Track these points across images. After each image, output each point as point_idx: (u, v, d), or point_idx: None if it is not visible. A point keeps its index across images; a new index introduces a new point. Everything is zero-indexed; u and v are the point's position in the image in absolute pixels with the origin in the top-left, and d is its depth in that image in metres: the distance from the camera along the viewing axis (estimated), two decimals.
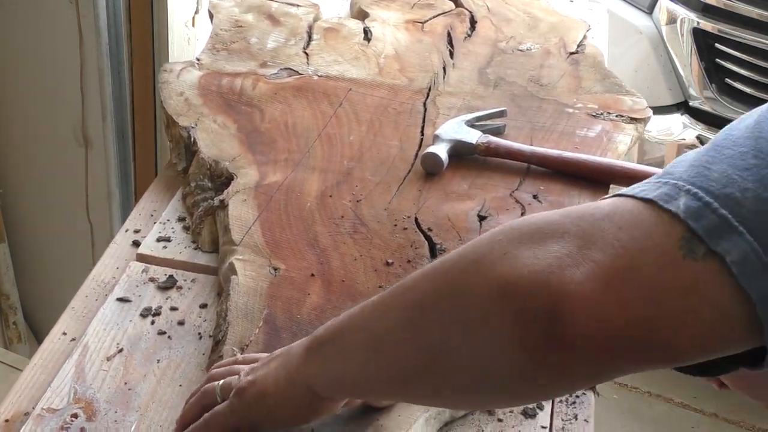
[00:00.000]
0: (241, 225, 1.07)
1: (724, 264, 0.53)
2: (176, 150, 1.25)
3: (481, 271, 0.59)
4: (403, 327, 0.65)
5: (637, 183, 1.19)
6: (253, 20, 1.53)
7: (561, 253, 0.56)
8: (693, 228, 0.54)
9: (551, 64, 1.47)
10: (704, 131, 2.22)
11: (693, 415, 2.32)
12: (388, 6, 1.62)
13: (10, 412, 0.89)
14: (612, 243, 0.55)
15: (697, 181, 0.55)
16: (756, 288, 0.53)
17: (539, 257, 0.56)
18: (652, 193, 0.56)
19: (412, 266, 1.03)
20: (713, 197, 0.54)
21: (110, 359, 0.94)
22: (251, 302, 0.96)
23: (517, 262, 0.57)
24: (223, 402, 0.79)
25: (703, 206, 0.54)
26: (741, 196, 0.54)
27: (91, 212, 1.98)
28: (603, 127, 1.31)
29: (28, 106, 1.94)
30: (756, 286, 0.53)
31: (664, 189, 0.56)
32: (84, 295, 1.03)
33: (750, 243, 0.53)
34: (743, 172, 0.55)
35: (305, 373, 0.74)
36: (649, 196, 0.56)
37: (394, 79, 1.40)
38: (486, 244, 0.60)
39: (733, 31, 2.11)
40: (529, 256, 0.56)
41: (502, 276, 0.57)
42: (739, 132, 0.58)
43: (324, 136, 1.25)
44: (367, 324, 0.69)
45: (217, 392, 0.80)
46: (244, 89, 1.34)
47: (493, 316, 0.57)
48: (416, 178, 1.19)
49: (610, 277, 0.54)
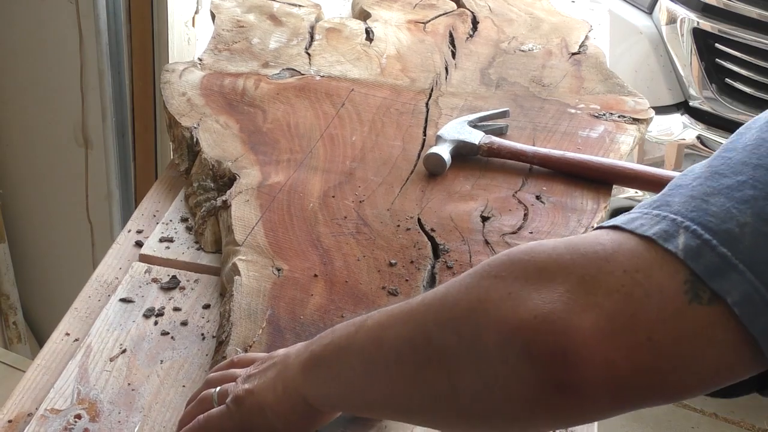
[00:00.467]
0: (244, 225, 1.07)
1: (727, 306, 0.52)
2: (179, 150, 1.25)
3: (487, 312, 0.58)
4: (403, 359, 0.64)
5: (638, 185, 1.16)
6: (255, 20, 1.53)
7: (566, 297, 0.55)
8: (694, 270, 0.53)
9: (553, 65, 1.47)
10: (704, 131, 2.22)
11: (693, 415, 2.32)
12: (390, 6, 1.62)
13: (14, 413, 0.89)
14: (617, 288, 0.55)
15: (696, 217, 0.55)
16: (759, 326, 0.52)
17: (545, 301, 0.56)
18: (650, 230, 0.56)
19: (415, 267, 1.03)
20: (712, 234, 0.54)
21: (113, 360, 0.94)
22: (254, 303, 0.96)
23: (522, 306, 0.56)
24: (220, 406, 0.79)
25: (702, 244, 0.54)
26: (740, 231, 0.53)
27: (91, 212, 1.98)
28: (605, 127, 1.31)
29: (28, 106, 1.94)
30: (759, 324, 0.52)
31: (663, 225, 0.56)
32: (87, 296, 1.03)
33: (751, 282, 0.52)
34: (742, 206, 0.54)
35: (302, 388, 0.74)
36: (648, 234, 0.56)
37: (396, 79, 1.40)
38: (490, 281, 0.59)
39: (733, 31, 2.11)
40: (534, 299, 0.56)
41: (508, 320, 0.57)
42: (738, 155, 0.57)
43: (326, 137, 1.25)
44: (365, 349, 0.68)
45: (214, 399, 0.80)
46: (246, 89, 1.34)
47: (498, 359, 0.57)
48: (419, 178, 1.19)
49: (615, 324, 0.54)
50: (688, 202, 0.56)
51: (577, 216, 1.13)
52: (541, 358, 0.55)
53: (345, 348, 0.70)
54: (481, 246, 1.06)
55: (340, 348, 0.71)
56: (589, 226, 1.11)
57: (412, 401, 0.66)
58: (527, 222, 1.11)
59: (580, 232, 1.09)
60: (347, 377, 0.70)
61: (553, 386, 0.55)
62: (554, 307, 0.55)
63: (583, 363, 0.54)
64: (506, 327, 0.56)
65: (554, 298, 0.55)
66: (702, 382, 0.55)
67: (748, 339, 0.53)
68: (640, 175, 1.20)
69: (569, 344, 0.54)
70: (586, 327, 0.54)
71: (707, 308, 0.53)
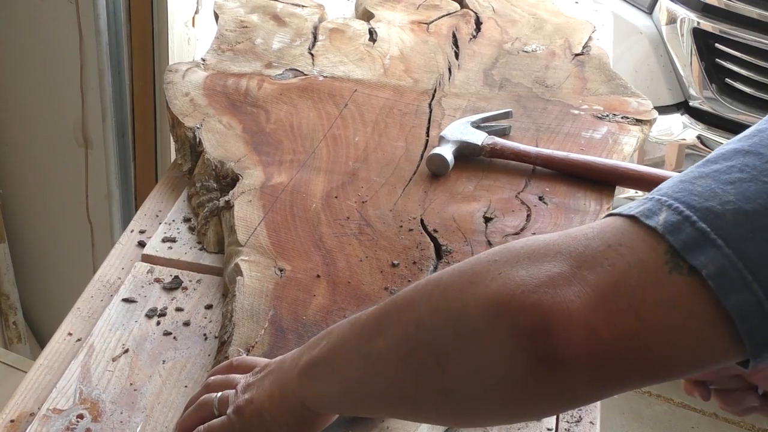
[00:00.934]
0: (246, 226, 1.07)
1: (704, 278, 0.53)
2: (181, 150, 1.24)
3: (477, 290, 0.59)
4: (398, 345, 0.65)
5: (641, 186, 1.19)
6: (258, 21, 1.53)
7: (553, 272, 0.56)
8: (672, 243, 0.54)
9: (556, 66, 1.47)
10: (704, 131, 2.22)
11: (693, 415, 2.32)
12: (394, 7, 1.62)
13: (16, 413, 0.89)
14: (601, 261, 0.56)
15: (680, 196, 0.56)
16: (734, 301, 0.53)
17: (532, 276, 0.57)
18: (636, 210, 0.57)
19: (418, 267, 1.03)
20: (693, 210, 0.55)
21: (116, 360, 0.93)
22: (257, 303, 0.96)
23: (511, 282, 0.57)
24: (220, 416, 0.79)
25: (683, 220, 0.55)
26: (721, 208, 0.54)
27: (91, 212, 1.98)
28: (608, 128, 1.31)
29: (28, 106, 1.94)
30: (734, 299, 0.53)
31: (648, 205, 0.57)
32: (89, 296, 1.03)
33: (728, 256, 0.53)
34: (726, 186, 0.55)
35: (300, 393, 0.74)
36: (633, 212, 0.57)
37: (399, 80, 1.40)
38: (483, 264, 0.61)
39: (733, 31, 2.11)
40: (523, 276, 0.57)
41: (496, 295, 0.58)
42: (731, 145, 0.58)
43: (329, 137, 1.25)
44: (360, 344, 0.69)
45: (214, 405, 0.81)
46: (249, 90, 1.34)
47: (487, 335, 0.58)
48: (422, 179, 1.18)
49: (598, 294, 0.55)
50: (676, 185, 0.58)
51: (580, 217, 1.13)
52: (526, 332, 0.56)
53: (340, 345, 0.71)
54: (483, 247, 1.06)
55: (335, 345, 0.71)
56: None
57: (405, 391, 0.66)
58: (530, 223, 1.11)
59: None
60: (343, 374, 0.71)
61: (537, 359, 0.56)
62: (541, 281, 0.56)
63: (567, 333, 0.54)
64: (492, 302, 0.57)
65: (541, 274, 0.57)
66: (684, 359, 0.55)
67: (725, 315, 0.53)
68: (643, 176, 1.20)
69: (553, 316, 0.55)
70: (570, 298, 0.55)
71: (686, 278, 0.54)
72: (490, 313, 0.57)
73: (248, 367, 0.83)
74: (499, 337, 0.57)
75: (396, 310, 0.66)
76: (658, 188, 0.59)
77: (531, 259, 0.58)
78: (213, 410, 0.81)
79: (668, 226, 0.55)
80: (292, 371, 0.74)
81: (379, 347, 0.66)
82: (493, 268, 0.59)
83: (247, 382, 0.79)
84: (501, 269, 0.59)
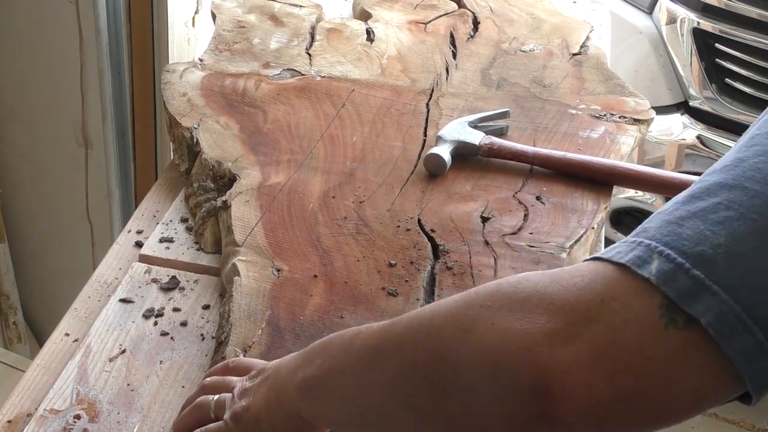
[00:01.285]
0: (243, 226, 1.07)
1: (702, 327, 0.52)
2: (179, 151, 1.25)
3: (471, 341, 0.58)
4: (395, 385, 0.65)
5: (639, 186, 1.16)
6: (255, 21, 1.53)
7: (548, 327, 0.55)
8: (668, 294, 0.53)
9: (554, 65, 1.47)
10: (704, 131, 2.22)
11: None
12: (391, 7, 1.62)
13: (13, 413, 0.89)
14: (595, 317, 0.55)
15: (669, 241, 0.55)
16: (735, 346, 0.52)
17: (527, 332, 0.56)
18: (625, 257, 0.56)
19: (415, 267, 1.03)
20: (685, 257, 0.54)
21: (113, 360, 0.94)
22: (254, 303, 0.96)
23: (505, 337, 0.56)
24: (216, 421, 0.79)
25: (676, 268, 0.54)
26: (713, 252, 0.53)
27: (91, 212, 1.98)
28: (606, 128, 1.31)
29: (29, 106, 1.94)
30: (735, 345, 0.52)
31: (637, 251, 0.56)
32: (86, 296, 1.03)
33: (725, 301, 0.52)
34: (715, 227, 0.54)
35: (297, 404, 0.74)
36: (623, 261, 0.56)
37: (396, 80, 1.40)
38: (475, 310, 0.59)
39: (733, 31, 2.11)
40: (517, 330, 0.56)
41: (491, 351, 0.57)
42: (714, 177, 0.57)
43: (327, 137, 1.25)
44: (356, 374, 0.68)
45: (211, 408, 0.80)
46: (246, 90, 1.34)
47: (482, 391, 0.57)
48: (419, 179, 1.18)
49: (595, 354, 0.54)
50: (663, 227, 0.56)
51: (577, 217, 1.13)
52: (525, 391, 0.55)
53: (336, 370, 0.70)
54: (481, 247, 1.06)
55: (331, 369, 0.71)
56: (589, 227, 1.11)
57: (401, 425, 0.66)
58: (527, 223, 1.11)
59: (580, 233, 1.09)
60: (339, 400, 0.71)
61: (537, 419, 0.55)
62: (535, 338, 0.55)
63: (566, 394, 0.54)
64: (488, 358, 0.57)
65: (536, 329, 0.56)
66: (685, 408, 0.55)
67: (726, 360, 0.52)
68: (640, 175, 1.20)
69: (551, 376, 0.54)
70: (567, 358, 0.54)
71: (683, 332, 0.53)
72: (488, 369, 0.57)
73: (245, 370, 0.83)
74: (497, 394, 0.57)
75: (391, 347, 0.66)
76: (644, 229, 0.57)
77: (523, 309, 0.57)
78: (209, 413, 0.80)
79: (661, 275, 0.54)
80: (289, 384, 0.74)
81: (375, 382, 0.66)
82: (486, 315, 0.58)
83: (243, 387, 0.79)
84: (494, 318, 0.58)
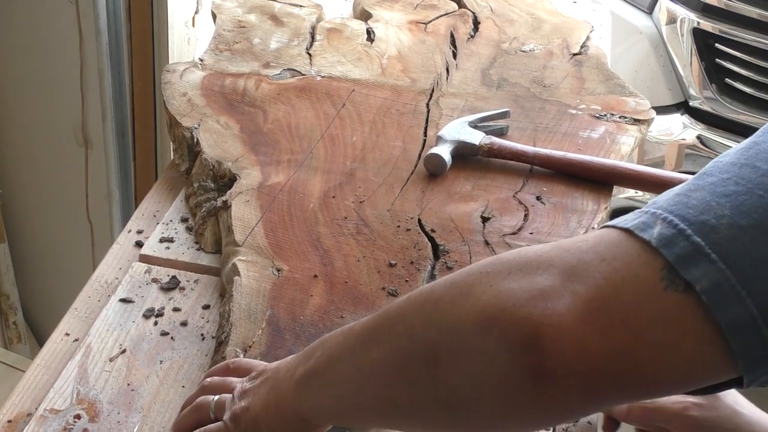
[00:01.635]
0: (244, 226, 1.07)
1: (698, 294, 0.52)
2: (179, 150, 1.25)
3: (468, 303, 0.58)
4: (391, 357, 0.65)
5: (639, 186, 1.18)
6: (256, 21, 1.53)
7: (544, 285, 0.56)
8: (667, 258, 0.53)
9: (554, 65, 1.47)
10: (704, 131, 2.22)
11: None
12: (391, 7, 1.62)
13: (13, 413, 0.89)
14: (594, 275, 0.55)
15: (675, 209, 0.55)
16: (727, 316, 0.52)
17: (523, 289, 0.56)
18: (630, 222, 0.56)
19: (415, 267, 1.03)
20: (688, 224, 0.54)
21: (113, 360, 0.94)
22: (254, 303, 0.96)
23: (502, 295, 0.57)
24: (216, 421, 0.79)
25: (677, 233, 0.54)
26: (716, 222, 0.54)
27: (91, 212, 1.98)
28: (606, 128, 1.31)
29: (28, 106, 1.94)
30: (727, 315, 0.52)
31: (643, 218, 0.56)
32: (87, 296, 1.03)
33: (722, 270, 0.52)
34: (721, 199, 0.55)
35: (295, 404, 0.74)
36: (627, 226, 0.56)
37: (397, 79, 1.40)
38: (475, 276, 0.60)
39: (733, 31, 2.11)
40: (514, 288, 0.56)
41: (487, 308, 0.57)
42: (728, 158, 0.58)
43: (327, 137, 1.25)
44: (354, 355, 0.69)
45: (211, 408, 0.81)
46: (247, 90, 1.34)
47: (478, 348, 0.57)
48: (419, 179, 1.18)
49: (589, 309, 0.54)
50: (672, 198, 0.57)
51: (577, 217, 1.13)
52: (517, 346, 0.55)
53: (334, 357, 0.71)
54: (481, 247, 1.06)
55: (329, 357, 0.71)
56: (589, 227, 1.11)
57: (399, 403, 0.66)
58: (527, 223, 1.11)
59: (580, 232, 1.09)
60: (338, 386, 0.71)
61: (528, 373, 0.55)
62: (532, 294, 0.55)
63: (556, 346, 0.54)
64: (483, 316, 0.57)
65: (533, 287, 0.56)
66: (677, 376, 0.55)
67: (719, 331, 0.52)
68: (640, 175, 1.20)
69: (543, 329, 0.54)
70: (561, 312, 0.54)
71: (681, 295, 0.53)
72: (482, 327, 0.57)
73: (245, 370, 0.83)
74: (490, 351, 0.56)
75: (388, 322, 0.66)
76: (654, 201, 0.58)
77: (522, 271, 0.57)
78: (209, 413, 0.80)
79: (662, 239, 0.54)
80: (288, 382, 0.74)
81: (373, 359, 0.66)
82: (485, 279, 0.59)
83: (243, 388, 0.79)
84: (492, 281, 0.58)
